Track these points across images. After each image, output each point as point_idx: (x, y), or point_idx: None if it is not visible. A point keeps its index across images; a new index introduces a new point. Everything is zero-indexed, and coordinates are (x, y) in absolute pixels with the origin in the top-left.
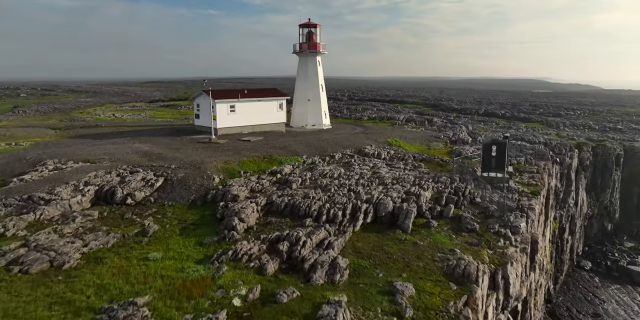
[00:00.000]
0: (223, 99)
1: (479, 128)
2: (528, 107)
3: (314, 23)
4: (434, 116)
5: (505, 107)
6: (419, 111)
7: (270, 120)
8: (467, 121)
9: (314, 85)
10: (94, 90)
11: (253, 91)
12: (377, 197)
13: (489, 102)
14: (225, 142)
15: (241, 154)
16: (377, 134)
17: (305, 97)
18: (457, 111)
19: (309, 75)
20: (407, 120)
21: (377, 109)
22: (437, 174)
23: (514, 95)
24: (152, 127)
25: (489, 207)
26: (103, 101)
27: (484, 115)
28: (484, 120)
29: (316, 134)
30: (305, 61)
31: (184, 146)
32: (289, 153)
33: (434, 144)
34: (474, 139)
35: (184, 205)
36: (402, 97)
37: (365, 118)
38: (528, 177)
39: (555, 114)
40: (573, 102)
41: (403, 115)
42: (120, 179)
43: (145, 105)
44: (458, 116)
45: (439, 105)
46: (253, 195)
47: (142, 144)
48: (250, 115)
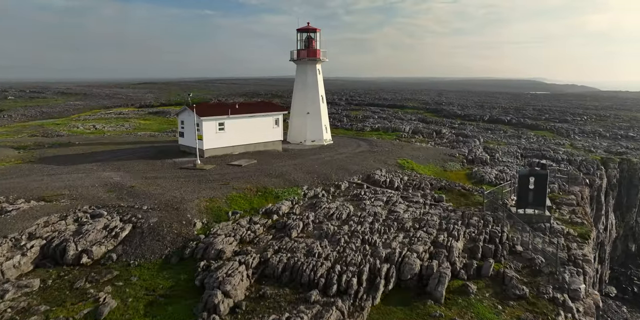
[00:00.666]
0: (210, 116)
1: (490, 140)
2: (532, 112)
3: (313, 27)
4: (441, 126)
5: (509, 112)
6: (422, 118)
7: (265, 138)
8: (474, 129)
9: (313, 97)
10: (85, 92)
11: (245, 105)
12: (399, 251)
13: (491, 107)
14: (213, 167)
15: (230, 186)
16: (385, 153)
17: (303, 110)
18: (461, 117)
19: (308, 85)
20: (414, 132)
21: (379, 116)
22: (464, 211)
23: (514, 98)
24: (131, 146)
25: (534, 258)
26: (93, 104)
27: (490, 121)
28: (491, 128)
29: (316, 153)
30: (304, 69)
31: (163, 174)
32: (287, 183)
33: (449, 165)
34: (491, 156)
35: (155, 263)
36: (401, 100)
37: (367, 129)
38: (568, 211)
39: (562, 119)
40: (576, 105)
41: (408, 125)
42: (77, 228)
43: (132, 112)
44: (463, 123)
45: (441, 111)
46: (243, 250)
47: (113, 172)
48: (242, 133)
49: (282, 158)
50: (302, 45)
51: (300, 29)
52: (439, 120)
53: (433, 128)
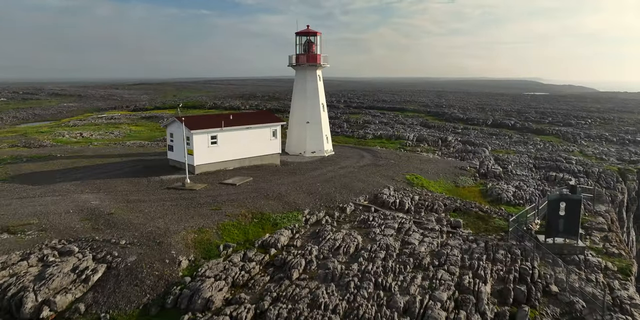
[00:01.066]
0: (202, 129)
1: (498, 148)
2: (535, 115)
3: (313, 31)
4: (445, 131)
5: (512, 115)
6: (424, 122)
7: (262, 152)
8: (478, 134)
9: (313, 105)
10: (79, 93)
11: (240, 117)
12: (419, 300)
13: (492, 109)
14: (204, 187)
15: (222, 212)
16: (391, 167)
17: (303, 119)
18: (464, 121)
19: (308, 92)
20: (419, 140)
21: (380, 121)
22: (487, 242)
23: (514, 100)
24: (116, 160)
25: (573, 302)
26: (87, 106)
27: (493, 125)
28: (495, 133)
29: (317, 167)
30: (304, 75)
31: (148, 197)
32: (286, 206)
33: (461, 180)
34: (504, 168)
35: (131, 315)
36: (401, 102)
37: (369, 136)
38: (600, 238)
39: (566, 123)
40: (578, 108)
41: (411, 132)
42: (40, 271)
43: (124, 117)
44: (466, 128)
45: (442, 114)
46: (235, 297)
47: (92, 194)
48: (236, 146)
49: (280, 174)
50: (301, 50)
51: (299, 32)
52: (441, 124)
53: (438, 135)
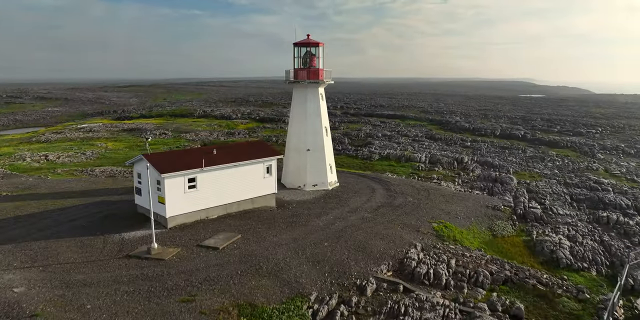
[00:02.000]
0: (176, 171)
1: (519, 169)
2: (542, 123)
3: (314, 41)
4: (456, 146)
5: (517, 122)
6: (429, 134)
7: (254, 193)
8: (489, 148)
9: (315, 129)
10: (66, 96)
11: (227, 150)
12: None
13: (495, 116)
14: (176, 254)
15: (196, 306)
16: (411, 210)
17: (302, 145)
18: (471, 132)
19: (309, 114)
20: (431, 162)
21: (382, 133)
22: None
23: (514, 104)
24: (74, 201)
25: None
26: (72, 111)
27: (502, 136)
28: (506, 146)
29: (322, 210)
30: (303, 94)
31: (98, 275)
32: (285, 289)
33: (498, 226)
34: (542, 205)
35: None
36: (399, 108)
37: (375, 157)
38: None
39: (576, 132)
40: (582, 113)
41: (422, 151)
42: None
43: (105, 128)
44: (475, 140)
45: (446, 123)
46: None
47: (19, 273)
48: (222, 189)
49: (276, 225)
50: (300, 63)
51: (298, 43)
52: (448, 136)
53: (451, 155)
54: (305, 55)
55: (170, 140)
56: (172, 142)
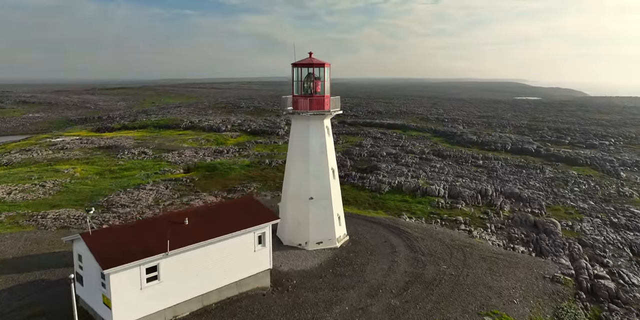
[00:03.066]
0: (127, 263)
1: (552, 202)
2: (550, 133)
3: (319, 62)
4: (468, 165)
5: (524, 133)
6: (437, 150)
7: (241, 274)
8: (505, 168)
9: (320, 172)
10: (50, 100)
11: (204, 217)
12: None
13: (500, 124)
14: None
15: None
16: (450, 289)
17: (304, 192)
18: (479, 146)
19: (312, 152)
20: (452, 196)
21: (388, 152)
22: None
23: (515, 108)
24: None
25: None
26: (54, 117)
27: (514, 151)
28: (522, 164)
29: (332, 293)
30: (304, 128)
31: None
32: None
33: (566, 313)
34: (609, 270)
35: None
36: (397, 114)
37: (385, 188)
38: None
39: (589, 144)
40: (588, 120)
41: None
42: None
43: (79, 143)
44: (486, 157)
45: (452, 136)
46: None
47: None
48: (195, 276)
49: None
50: (300, 89)
51: (298, 63)
52: (457, 153)
53: (472, 185)
54: (306, 79)
55: (148, 163)
56: (151, 166)
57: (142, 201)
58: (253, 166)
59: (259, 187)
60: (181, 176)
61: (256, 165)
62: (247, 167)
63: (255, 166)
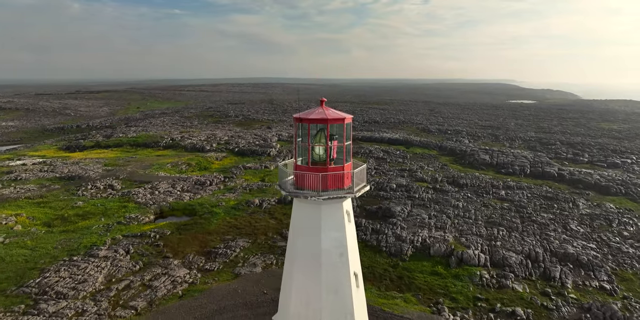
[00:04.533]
0: None
1: (617, 266)
2: (564, 149)
3: (336, 116)
4: (489, 198)
5: (536, 148)
6: (450, 176)
7: None
8: (531, 200)
9: (338, 281)
10: (28, 106)
11: None
12: None
13: (507, 137)
14: None
15: None
16: None
17: (313, 314)
18: (494, 168)
19: (325, 252)
20: (495, 265)
21: (398, 184)
22: None
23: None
24: None
25: None
26: (30, 125)
27: (535, 176)
28: (550, 195)
29: None
30: (314, 217)
31: None
32: None
33: None
34: None
35: None
36: (396, 125)
37: (408, 250)
38: None
39: (610, 163)
40: (597, 131)
41: (472, 237)
42: None
43: (37, 174)
44: (507, 185)
45: (461, 155)
46: None
47: None
48: None
49: None
50: (305, 158)
51: (303, 118)
52: (473, 180)
53: (518, 248)
54: (317, 140)
55: (113, 205)
56: (115, 210)
57: (87, 284)
58: (240, 208)
59: (246, 249)
60: (149, 229)
61: (243, 207)
62: (233, 211)
63: (242, 208)
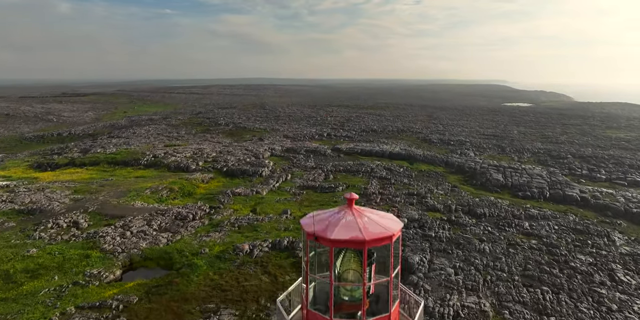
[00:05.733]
0: None
1: None
2: (577, 164)
3: (380, 234)
4: (512, 235)
5: (547, 162)
6: (466, 204)
7: None
8: (562, 235)
9: None
10: (7, 111)
11: None
12: None
13: (513, 148)
14: None
15: None
16: None
17: None
18: (509, 191)
19: None
20: None
21: (409, 216)
22: None
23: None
24: None
25: None
26: (7, 133)
27: (557, 200)
28: (579, 227)
29: None
30: None
31: None
32: None
33: None
34: None
35: None
36: (395, 134)
37: None
38: None
39: (631, 182)
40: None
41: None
42: None
43: None
44: (530, 214)
45: (472, 174)
46: None
47: None
48: None
49: None
50: (328, 294)
51: (323, 237)
52: (490, 208)
53: None
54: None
55: (73, 255)
56: (75, 263)
57: None
58: (226, 258)
59: None
60: (111, 295)
61: (230, 256)
62: (217, 262)
63: (229, 257)
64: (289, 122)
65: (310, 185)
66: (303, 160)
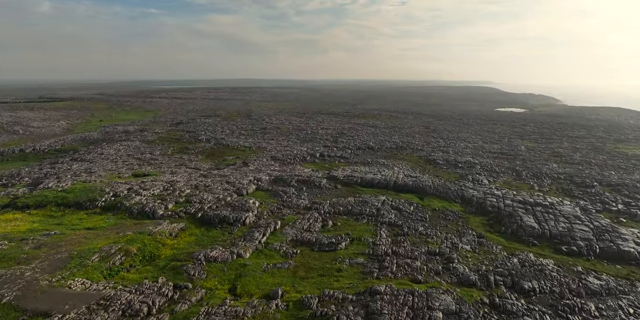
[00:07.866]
0: None
1: None
2: (612, 198)
3: None
4: None
5: (573, 193)
6: (505, 268)
7: None
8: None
9: None
10: None
11: None
12: None
13: (531, 173)
14: None
15: None
16: None
17: None
18: (548, 242)
19: None
20: None
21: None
22: None
23: (521, 136)
24: None
25: None
26: None
27: (610, 258)
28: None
29: None
30: None
31: None
32: None
33: None
34: None
35: None
36: (396, 154)
37: None
38: None
39: None
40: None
41: None
42: None
43: None
44: (589, 287)
45: (496, 215)
46: None
47: None
48: None
49: None
50: None
51: None
52: (539, 278)
53: None
54: None
55: None
56: None
57: None
58: None
59: None
60: None
61: None
62: None
63: None
64: (276, 136)
65: (305, 239)
66: (295, 196)
